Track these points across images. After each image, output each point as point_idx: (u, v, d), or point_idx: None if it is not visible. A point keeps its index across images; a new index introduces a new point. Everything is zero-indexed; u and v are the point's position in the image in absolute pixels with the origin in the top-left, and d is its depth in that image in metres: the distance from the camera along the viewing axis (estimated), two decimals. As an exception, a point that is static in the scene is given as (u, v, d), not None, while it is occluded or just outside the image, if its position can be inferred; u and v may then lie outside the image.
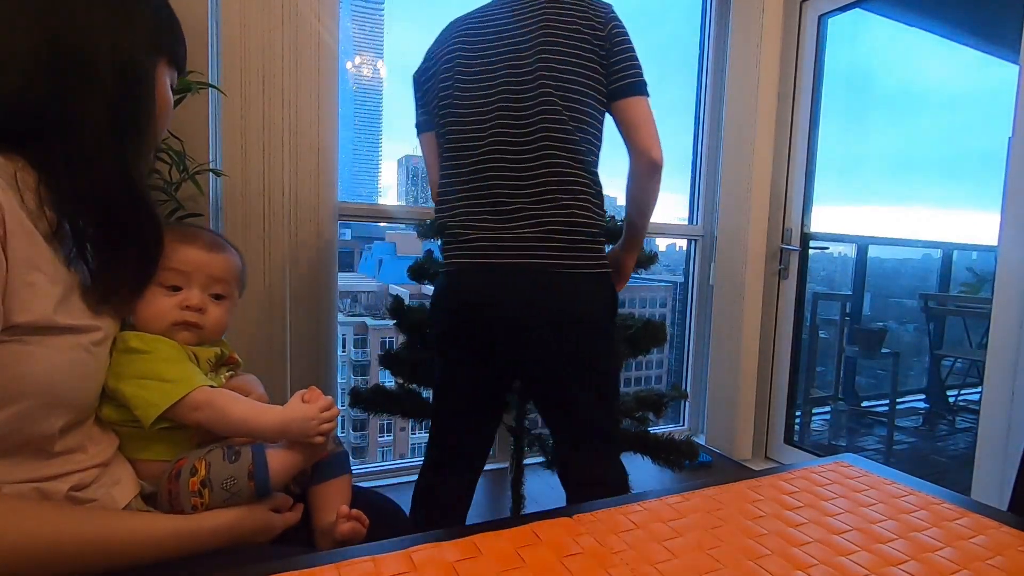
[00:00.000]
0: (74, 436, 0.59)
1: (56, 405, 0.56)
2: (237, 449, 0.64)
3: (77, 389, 0.58)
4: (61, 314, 0.55)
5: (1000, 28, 2.46)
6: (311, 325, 1.84)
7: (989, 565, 0.53)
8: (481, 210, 1.12)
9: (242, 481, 0.61)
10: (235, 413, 0.65)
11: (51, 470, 0.57)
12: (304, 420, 0.66)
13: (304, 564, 0.48)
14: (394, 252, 4.11)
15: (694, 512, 0.61)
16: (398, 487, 2.13)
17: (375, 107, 4.88)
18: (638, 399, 1.67)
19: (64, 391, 0.57)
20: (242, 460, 0.63)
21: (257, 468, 0.62)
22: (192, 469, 0.61)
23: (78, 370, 0.58)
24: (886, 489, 0.69)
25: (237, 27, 1.66)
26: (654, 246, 3.07)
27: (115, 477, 0.63)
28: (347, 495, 0.77)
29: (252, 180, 1.73)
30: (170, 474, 0.62)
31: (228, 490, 0.61)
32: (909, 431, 3.27)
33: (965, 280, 3.57)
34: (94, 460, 0.61)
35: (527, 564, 0.49)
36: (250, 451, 0.64)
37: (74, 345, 0.57)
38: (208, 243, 0.74)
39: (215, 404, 0.64)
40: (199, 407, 0.63)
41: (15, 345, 0.52)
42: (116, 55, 0.59)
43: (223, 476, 0.61)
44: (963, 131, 2.94)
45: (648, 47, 1.79)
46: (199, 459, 0.62)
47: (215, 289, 0.74)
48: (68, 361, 0.57)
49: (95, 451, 0.62)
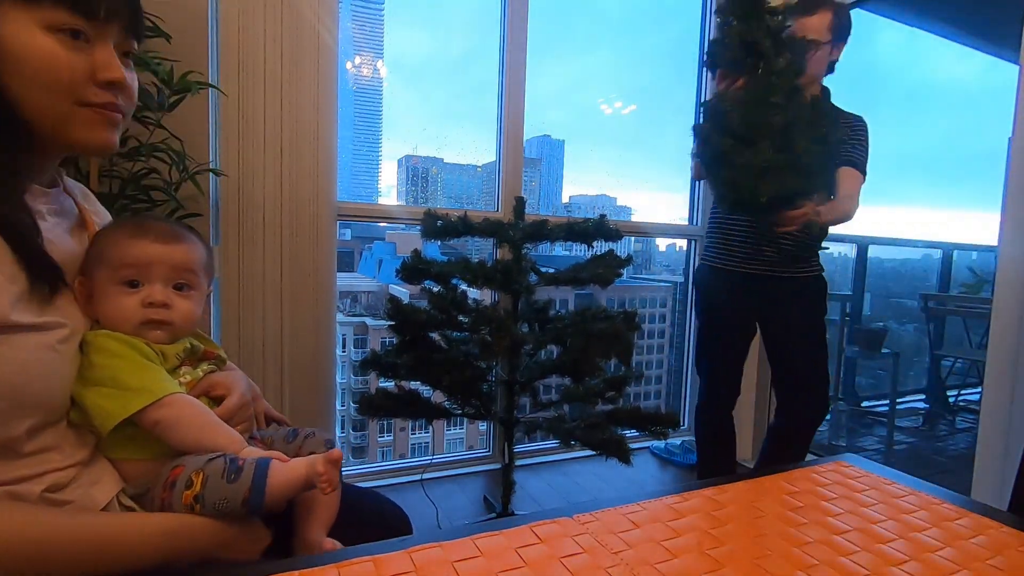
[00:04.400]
0: (47, 436, 0.58)
1: (22, 406, 0.54)
2: (240, 465, 0.61)
3: (44, 389, 0.56)
4: (19, 312, 0.53)
5: (1000, 28, 2.46)
6: (310, 325, 1.84)
7: (989, 565, 0.53)
8: None
9: (235, 503, 0.59)
10: (186, 437, 0.63)
11: (22, 471, 0.55)
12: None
13: (304, 564, 0.48)
14: (394, 252, 4.10)
15: (694, 512, 0.61)
16: (398, 487, 2.13)
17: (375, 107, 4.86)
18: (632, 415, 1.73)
19: (30, 392, 0.55)
20: (241, 481, 0.59)
21: (253, 494, 0.59)
22: (188, 482, 0.59)
23: (44, 369, 0.56)
24: (886, 489, 0.69)
25: (237, 27, 1.66)
26: (630, 248, 3.07)
27: (94, 477, 0.62)
28: (335, 501, 0.75)
29: (252, 180, 1.73)
30: (165, 482, 0.61)
31: (220, 510, 0.59)
32: (909, 431, 3.27)
33: (965, 280, 3.57)
34: (71, 460, 0.59)
35: (527, 564, 0.49)
36: (252, 472, 0.60)
37: (39, 344, 0.55)
38: (162, 234, 0.69)
39: (169, 423, 0.62)
40: (156, 423, 0.61)
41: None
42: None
43: (217, 496, 0.59)
44: (963, 131, 2.94)
45: (648, 47, 1.79)
46: (196, 471, 0.60)
47: (178, 280, 0.70)
48: (33, 361, 0.55)
49: (71, 450, 0.60)
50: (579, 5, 2.72)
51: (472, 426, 3.78)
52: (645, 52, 1.58)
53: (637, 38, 1.14)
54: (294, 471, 0.62)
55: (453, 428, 4.51)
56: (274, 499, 0.61)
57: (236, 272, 1.73)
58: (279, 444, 0.79)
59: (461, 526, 0.56)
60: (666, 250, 3.22)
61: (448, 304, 1.65)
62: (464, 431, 4.33)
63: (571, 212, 2.86)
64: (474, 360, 1.70)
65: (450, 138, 3.09)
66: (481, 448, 2.46)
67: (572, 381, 1.74)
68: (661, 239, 3.08)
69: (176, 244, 0.70)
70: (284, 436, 0.80)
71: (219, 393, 0.72)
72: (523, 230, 1.72)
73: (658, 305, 4.03)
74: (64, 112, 0.58)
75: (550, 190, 5.22)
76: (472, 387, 1.71)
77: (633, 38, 1.14)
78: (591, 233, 1.73)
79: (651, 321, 4.17)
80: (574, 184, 3.03)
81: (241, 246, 1.74)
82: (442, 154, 4.54)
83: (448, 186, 4.70)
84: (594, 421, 1.64)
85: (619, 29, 2.35)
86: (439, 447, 4.11)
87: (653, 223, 2.73)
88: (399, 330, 1.67)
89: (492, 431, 2.43)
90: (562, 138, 5.17)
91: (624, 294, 3.28)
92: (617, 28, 2.56)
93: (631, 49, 1.93)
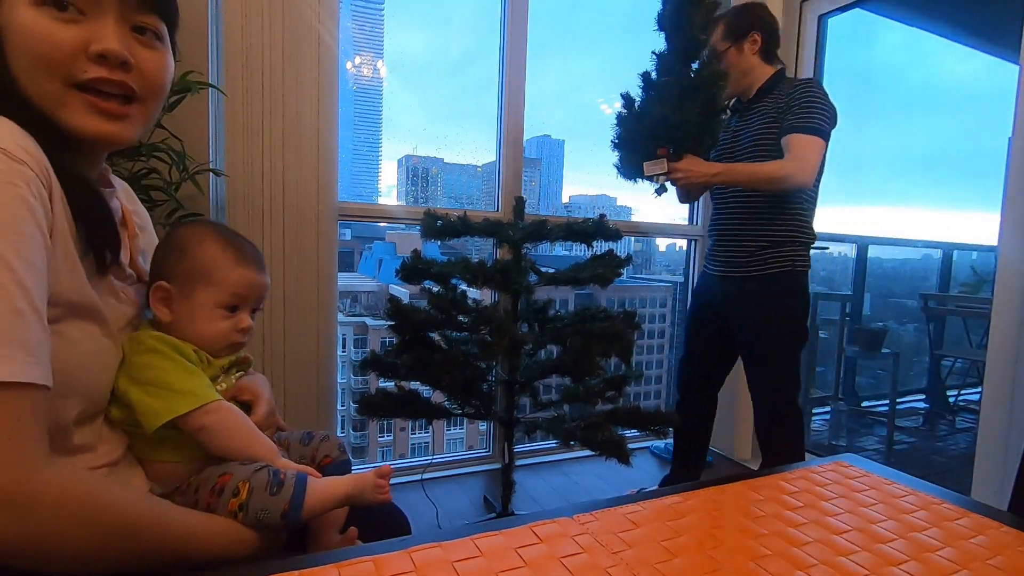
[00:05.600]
0: (86, 432, 0.59)
1: (71, 393, 0.55)
2: (282, 479, 0.63)
3: (89, 378, 0.58)
4: (74, 293, 0.54)
5: (1000, 28, 2.46)
6: (311, 325, 1.84)
7: (989, 565, 0.53)
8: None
9: (274, 516, 0.61)
10: (228, 444, 0.65)
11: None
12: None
13: (304, 564, 0.48)
14: (394, 252, 4.10)
15: (694, 512, 0.61)
16: (398, 487, 2.13)
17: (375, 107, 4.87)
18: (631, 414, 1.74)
19: (80, 378, 0.56)
20: (282, 495, 0.62)
21: (292, 508, 0.62)
22: (235, 490, 0.62)
23: (89, 360, 0.57)
24: (886, 489, 0.69)
25: (237, 27, 1.66)
26: (630, 248, 3.08)
27: (124, 477, 0.63)
28: (343, 508, 0.75)
29: (252, 180, 1.72)
30: (213, 487, 0.63)
31: (260, 520, 0.61)
32: (909, 431, 3.27)
33: (965, 280, 3.57)
34: (102, 460, 0.61)
35: (527, 564, 0.49)
36: (292, 486, 0.63)
37: (84, 335, 0.56)
38: (258, 261, 0.75)
39: (214, 428, 0.64)
40: (202, 427, 0.63)
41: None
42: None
43: (259, 507, 0.61)
44: (963, 131, 2.95)
45: (648, 47, 1.80)
46: (243, 481, 0.62)
47: (257, 306, 0.75)
48: (81, 351, 0.56)
49: (104, 450, 0.61)
50: (579, 5, 2.72)
51: (472, 426, 3.78)
52: (646, 52, 1.58)
53: (637, 38, 1.15)
54: (330, 490, 0.65)
55: (453, 428, 4.51)
56: (309, 514, 0.64)
57: (236, 272, 1.73)
58: (295, 446, 0.80)
59: (461, 526, 0.56)
60: (666, 250, 3.23)
61: (448, 304, 1.65)
62: (464, 431, 4.33)
63: (571, 212, 2.86)
64: (474, 360, 1.70)
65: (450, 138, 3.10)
66: (481, 448, 2.46)
67: (572, 381, 1.74)
68: (661, 239, 3.07)
69: (264, 272, 0.75)
70: (299, 439, 0.82)
71: (246, 398, 0.74)
72: (523, 230, 1.72)
73: (658, 305, 4.03)
74: (57, 94, 0.53)
75: (550, 190, 5.22)
76: (472, 387, 1.71)
77: (633, 38, 1.16)
78: (591, 233, 1.73)
79: (651, 321, 4.17)
80: (574, 184, 3.03)
81: (241, 246, 1.74)
82: (442, 154, 4.55)
83: (448, 186, 4.70)
84: (594, 421, 1.64)
85: (619, 29, 2.36)
86: (439, 447, 4.11)
87: (653, 223, 2.73)
88: (399, 330, 1.67)
89: (492, 431, 2.43)
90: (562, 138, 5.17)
91: (624, 294, 3.28)
92: (617, 28, 2.56)
93: (631, 49, 1.95)
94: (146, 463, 0.66)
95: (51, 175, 0.52)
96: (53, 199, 0.52)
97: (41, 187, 0.50)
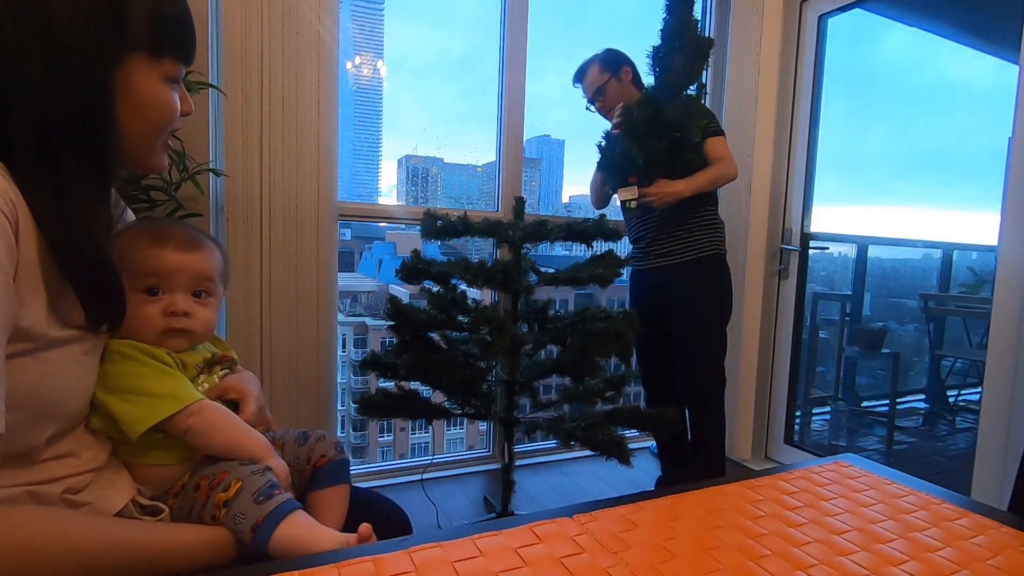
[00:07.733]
0: (64, 443, 0.58)
1: (45, 416, 0.55)
2: (274, 494, 0.61)
3: (67, 400, 0.57)
4: (52, 327, 0.53)
5: (1000, 28, 2.46)
6: (311, 325, 1.84)
7: (989, 565, 0.53)
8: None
9: (246, 525, 0.59)
10: (218, 443, 0.64)
11: (41, 475, 0.56)
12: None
13: (304, 564, 0.48)
14: (394, 252, 4.11)
15: (694, 512, 0.61)
16: (398, 487, 2.13)
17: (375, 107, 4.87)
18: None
19: (54, 402, 0.55)
20: (263, 508, 0.59)
21: (263, 527, 0.58)
22: (226, 486, 0.61)
23: (68, 382, 0.56)
24: (886, 489, 0.69)
25: (237, 27, 1.66)
26: (630, 248, 3.07)
27: (110, 481, 0.62)
28: (344, 505, 0.75)
29: (252, 180, 1.73)
30: (213, 481, 0.62)
31: (235, 524, 0.60)
32: (909, 431, 3.27)
33: (965, 280, 3.57)
34: (87, 465, 0.60)
35: (527, 564, 0.49)
36: (276, 505, 0.60)
37: (64, 356, 0.55)
38: (183, 242, 0.69)
39: (200, 430, 0.63)
40: (188, 429, 0.63)
41: (9, 359, 0.50)
42: (49, 46, 0.51)
43: (239, 509, 0.60)
44: (963, 131, 2.94)
45: (648, 48, 1.80)
46: (237, 479, 0.62)
47: (197, 288, 0.70)
48: (59, 372, 0.55)
49: (88, 456, 0.60)
50: (579, 5, 2.72)
51: (472, 426, 3.78)
52: (645, 52, 1.58)
53: (637, 38, 1.15)
54: (313, 537, 0.59)
55: (453, 428, 4.51)
56: (278, 545, 0.58)
57: (236, 272, 1.73)
58: (290, 446, 0.79)
59: (461, 526, 0.56)
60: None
61: (448, 304, 1.65)
62: (464, 431, 4.33)
63: (571, 212, 2.86)
64: (474, 360, 1.70)
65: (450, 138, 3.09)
66: (481, 448, 2.46)
67: (572, 381, 1.74)
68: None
69: (196, 252, 0.70)
70: (295, 438, 0.80)
71: (232, 397, 0.72)
72: (523, 230, 1.72)
73: (658, 305, 4.02)
74: (155, 143, 0.64)
75: (550, 190, 5.22)
76: (472, 387, 1.71)
77: (633, 38, 1.16)
78: (591, 233, 1.73)
79: (651, 321, 4.17)
80: (574, 184, 3.03)
81: (241, 246, 1.74)
82: (442, 154, 4.54)
83: (448, 186, 4.70)
84: (594, 421, 1.64)
85: (619, 29, 2.36)
86: (439, 447, 4.11)
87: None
88: (399, 330, 1.67)
89: (492, 431, 2.43)
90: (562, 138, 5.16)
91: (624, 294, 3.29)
92: (617, 28, 2.57)
93: (631, 49, 1.96)
94: (133, 467, 0.65)
95: (17, 207, 0.50)
96: (20, 233, 0.50)
97: (4, 222, 0.48)
